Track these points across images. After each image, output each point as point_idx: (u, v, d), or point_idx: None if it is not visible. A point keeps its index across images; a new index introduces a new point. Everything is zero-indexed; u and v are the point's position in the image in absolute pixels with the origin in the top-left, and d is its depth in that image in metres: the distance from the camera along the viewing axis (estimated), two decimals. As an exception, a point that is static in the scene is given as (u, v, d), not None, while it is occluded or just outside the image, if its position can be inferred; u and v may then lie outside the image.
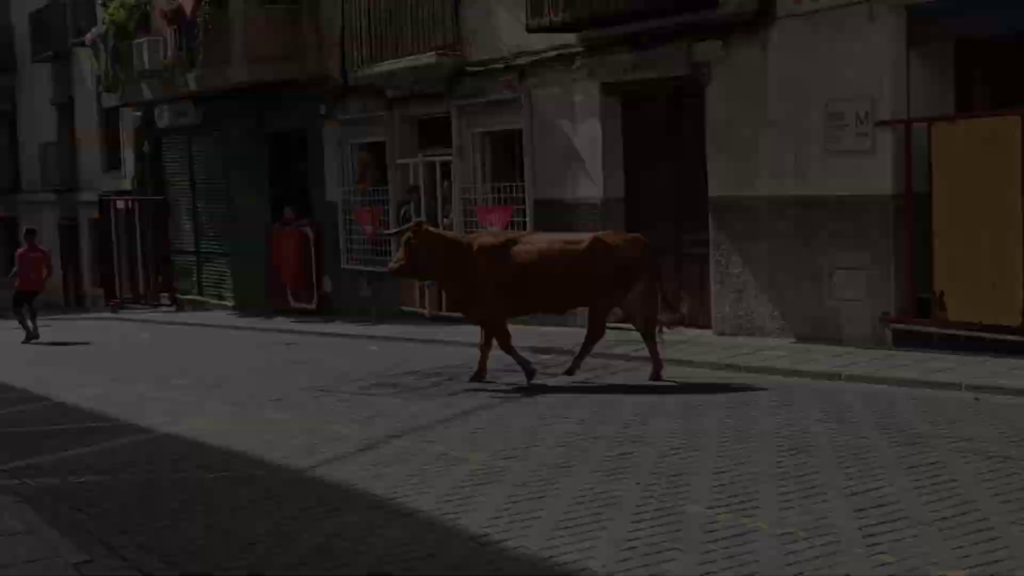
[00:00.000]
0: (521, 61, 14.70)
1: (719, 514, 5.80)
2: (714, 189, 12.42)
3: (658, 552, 5.24)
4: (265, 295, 20.56)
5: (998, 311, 9.72)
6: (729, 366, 10.69)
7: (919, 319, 10.51)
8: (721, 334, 12.44)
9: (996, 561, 4.84)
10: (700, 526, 5.60)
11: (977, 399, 8.48)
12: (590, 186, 13.98)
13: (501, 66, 15.05)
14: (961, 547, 5.06)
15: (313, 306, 19.32)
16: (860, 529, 5.40)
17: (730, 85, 12.09)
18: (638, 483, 6.54)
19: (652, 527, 5.63)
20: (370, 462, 7.48)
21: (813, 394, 9.12)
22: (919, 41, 10.52)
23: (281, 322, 18.64)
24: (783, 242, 11.67)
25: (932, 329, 10.38)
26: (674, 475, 6.69)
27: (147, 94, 21.71)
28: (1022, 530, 5.22)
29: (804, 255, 11.48)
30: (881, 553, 5.03)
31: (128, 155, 25.55)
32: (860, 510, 5.71)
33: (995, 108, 10.23)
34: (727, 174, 12.22)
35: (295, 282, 19.45)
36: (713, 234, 12.46)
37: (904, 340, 10.60)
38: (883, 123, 10.57)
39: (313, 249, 19.20)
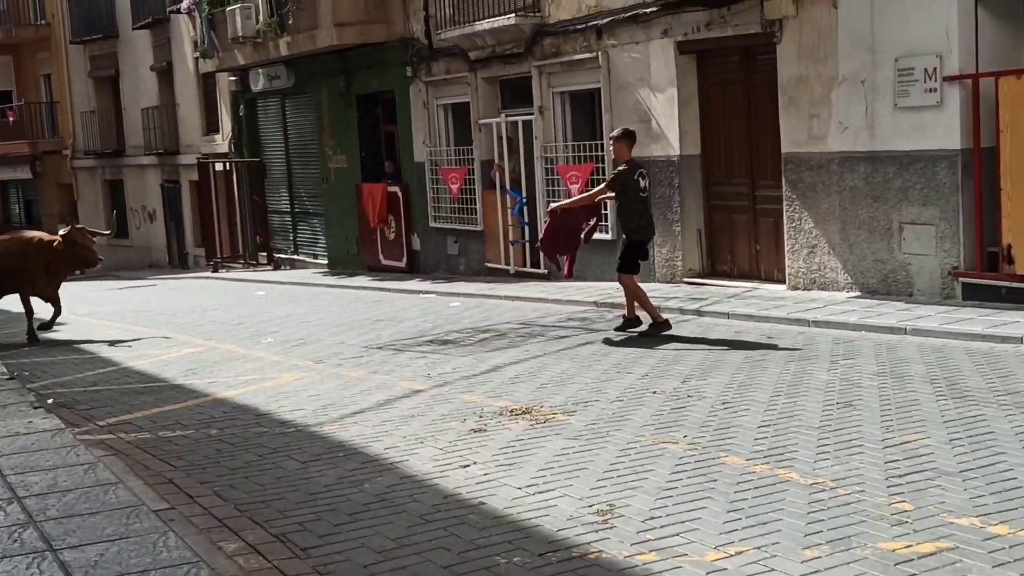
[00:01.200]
0: (599, 21, 14.91)
1: (756, 465, 6.10)
2: (786, 145, 12.54)
3: (692, 500, 5.57)
4: (356, 253, 21.21)
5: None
6: (798, 320, 10.87)
7: (987, 273, 10.57)
8: (794, 288, 12.61)
9: (1010, 509, 5.06)
10: (735, 476, 5.91)
11: (1036, 353, 8.58)
12: (667, 143, 14.18)
13: (580, 26, 15.27)
14: (981, 496, 5.29)
15: (403, 264, 19.90)
16: (887, 479, 5.65)
17: (801, 42, 12.16)
18: (685, 436, 6.86)
19: (690, 478, 5.96)
20: (437, 416, 7.92)
21: (875, 348, 9.30)
22: (988, -6, 10.48)
23: (368, 279, 19.23)
24: (854, 197, 11.77)
25: (1000, 283, 10.43)
26: (721, 428, 7.00)
27: (240, 60, 22.42)
28: (1041, 481, 5.44)
29: (874, 210, 11.57)
30: (901, 501, 5.29)
31: (225, 119, 26.40)
32: (891, 461, 5.96)
33: (1065, 60, 10.18)
34: (799, 130, 12.33)
35: (380, 220, 20.03)
36: (786, 190, 12.60)
37: (973, 294, 10.67)
38: (951, 78, 10.59)
39: (403, 207, 19.75)
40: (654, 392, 8.21)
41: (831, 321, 10.63)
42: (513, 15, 16.12)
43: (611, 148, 11.35)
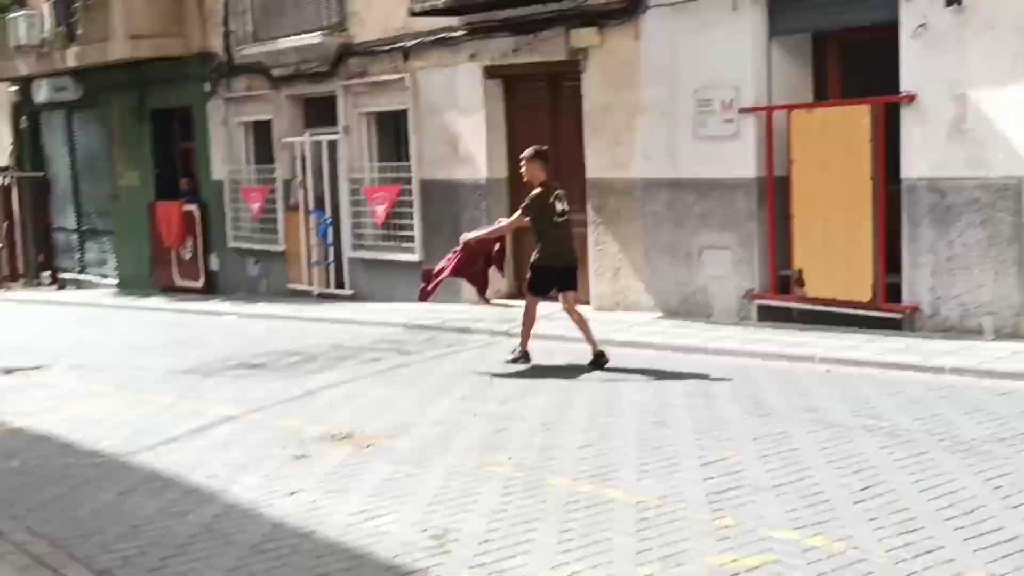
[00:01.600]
0: (406, 43, 14.97)
1: (582, 485, 6.26)
2: (592, 171, 12.91)
3: (524, 522, 5.67)
4: (150, 273, 20.51)
5: (851, 287, 10.39)
6: (606, 341, 11.16)
7: (780, 295, 11.17)
8: (600, 309, 12.96)
9: (823, 522, 5.38)
10: (563, 497, 6.05)
11: (828, 371, 9.12)
12: (474, 167, 14.37)
13: (387, 47, 15.30)
14: (795, 509, 5.59)
15: (200, 285, 19.36)
16: (707, 496, 5.91)
17: (606, 71, 12.56)
18: (511, 458, 6.97)
19: (520, 499, 6.06)
20: (256, 443, 7.76)
21: (680, 368, 9.67)
22: (779, 32, 11.11)
23: (164, 301, 18.63)
24: (656, 222, 12.22)
25: (792, 304, 11.03)
26: (545, 449, 7.15)
27: (23, 69, 21.37)
28: (848, 493, 5.78)
29: (676, 235, 12.06)
30: (723, 517, 5.54)
31: (4, 131, 25.05)
32: (709, 478, 6.23)
33: (847, 97, 10.87)
34: (603, 157, 12.72)
35: (177, 240, 19.44)
36: (591, 214, 12.96)
37: (767, 315, 11.25)
38: (747, 110, 11.16)
39: (200, 226, 19.22)
40: (475, 415, 8.30)
41: (637, 342, 10.99)
42: (318, 33, 15.99)
43: (522, 170, 10.32)
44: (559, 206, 10.07)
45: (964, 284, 9.72)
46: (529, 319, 10.29)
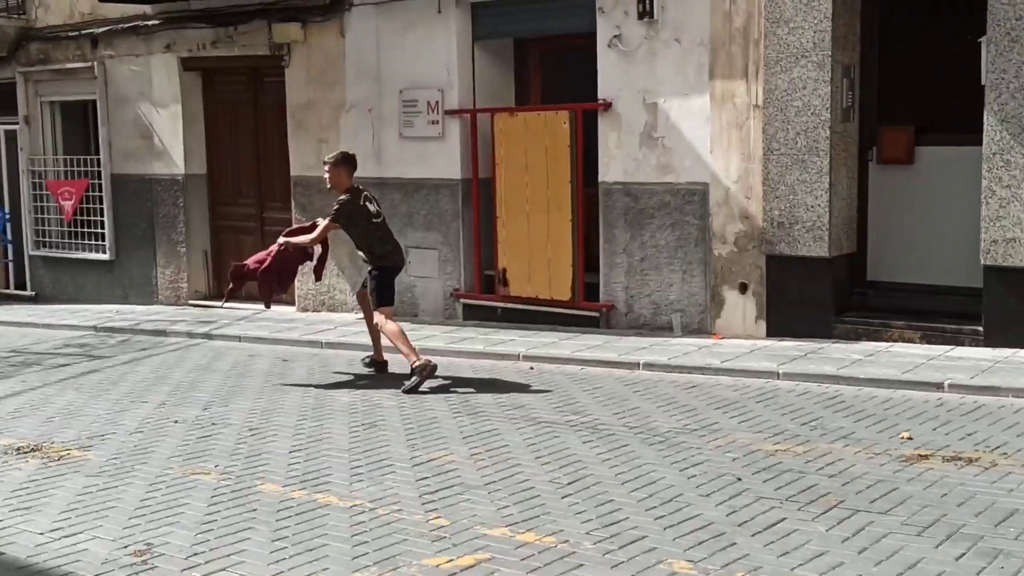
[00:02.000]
0: (94, 30, 14.17)
1: (293, 491, 6.12)
2: (296, 168, 12.70)
3: (234, 532, 5.47)
4: None
5: (552, 286, 10.74)
6: (312, 342, 11.03)
7: (485, 295, 11.38)
8: (304, 310, 12.78)
9: (534, 518, 5.50)
10: (275, 504, 5.89)
11: (532, 368, 9.37)
12: (171, 162, 13.80)
13: (74, 34, 14.43)
14: (506, 506, 5.70)
15: None
16: (420, 497, 5.92)
17: (310, 67, 12.38)
18: (217, 466, 6.72)
19: (229, 509, 5.85)
20: (-71, 459, 7.10)
21: (388, 368, 9.65)
22: (482, 36, 11.32)
23: None
24: (362, 221, 12.14)
25: (496, 304, 11.27)
26: (252, 455, 6.94)
27: None
28: (556, 488, 5.95)
29: (381, 234, 12.02)
30: (437, 517, 5.57)
31: None
32: (422, 479, 6.25)
33: (549, 102, 11.22)
34: (308, 154, 12.52)
35: None
36: (295, 212, 12.73)
37: (472, 314, 11.45)
38: (452, 112, 11.30)
39: None
40: (176, 421, 7.95)
41: (344, 343, 10.89)
42: (-5, 15, 14.87)
43: (326, 175, 9.21)
44: (371, 207, 9.10)
45: (655, 283, 10.26)
46: (398, 333, 8.91)
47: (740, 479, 5.95)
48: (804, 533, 5.11)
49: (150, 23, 13.64)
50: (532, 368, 9.36)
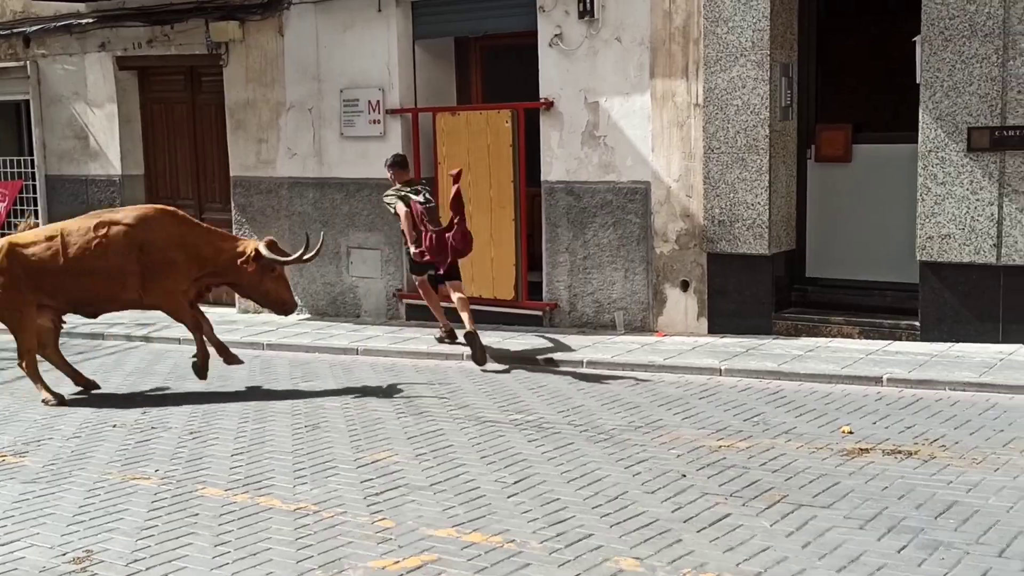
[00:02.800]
0: (27, 28, 13.92)
1: (236, 495, 6.05)
2: (235, 169, 12.57)
3: (175, 538, 5.39)
4: None
5: (496, 286, 10.73)
6: (253, 344, 10.91)
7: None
8: (245, 312, 12.64)
9: (480, 518, 5.48)
10: (217, 509, 5.81)
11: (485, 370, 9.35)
12: (107, 162, 13.60)
13: (5, 32, 14.15)
14: (452, 507, 5.67)
15: None
16: (365, 498, 5.87)
17: (249, 67, 12.26)
18: (157, 470, 6.63)
19: (170, 514, 5.76)
20: None
21: (332, 370, 9.60)
22: (423, 35, 11.28)
23: None
24: (303, 222, 12.05)
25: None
26: (193, 459, 6.85)
27: None
28: (502, 487, 5.94)
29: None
30: (382, 519, 5.53)
31: None
32: (366, 480, 6.20)
33: (491, 101, 11.21)
34: (247, 154, 12.41)
35: None
36: (235, 213, 12.61)
37: (414, 314, 11.39)
38: (393, 111, 11.25)
39: None
40: (114, 425, 7.83)
41: (286, 344, 10.80)
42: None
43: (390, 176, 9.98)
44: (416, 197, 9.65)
45: (598, 282, 10.29)
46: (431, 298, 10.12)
47: (685, 475, 5.98)
48: (749, 528, 5.15)
49: (84, 21, 13.42)
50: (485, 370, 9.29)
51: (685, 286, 9.86)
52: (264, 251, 8.65)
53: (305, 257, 8.96)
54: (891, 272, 9.31)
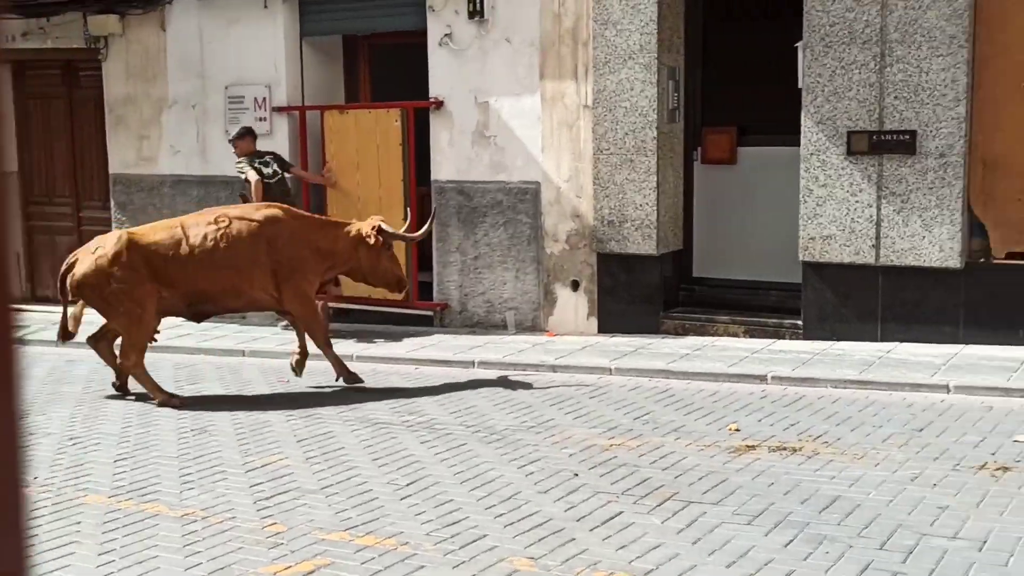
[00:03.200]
0: None
1: (120, 502, 5.89)
2: (115, 166, 12.26)
3: (57, 547, 5.23)
4: None
5: (385, 286, 10.65)
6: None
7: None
8: (126, 313, 12.32)
9: (373, 520, 5.44)
10: (101, 516, 5.65)
11: (415, 372, 9.27)
12: (-22, 158, 13.09)
13: None
14: (344, 510, 5.61)
15: None
16: (255, 503, 5.78)
17: (129, 62, 11.96)
18: (36, 477, 6.41)
19: (51, 523, 5.58)
20: None
21: (217, 372, 9.42)
22: (310, 33, 11.16)
23: None
24: (187, 221, 11.81)
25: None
26: (75, 466, 6.65)
27: None
28: (394, 489, 5.91)
29: (207, 234, 11.72)
30: (273, 524, 5.45)
31: None
32: (256, 484, 6.10)
33: (380, 99, 11.14)
34: (128, 151, 12.11)
35: None
36: (115, 211, 12.29)
37: (303, 315, 11.24)
38: (280, 109, 11.10)
39: None
40: (-10, 432, 7.53)
41: (169, 346, 10.51)
42: None
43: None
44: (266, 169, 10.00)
45: (489, 282, 10.31)
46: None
47: (577, 475, 6.02)
48: (640, 526, 5.21)
49: (-46, 12, 12.92)
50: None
51: (575, 286, 9.94)
52: (386, 227, 8.43)
53: (419, 233, 8.90)
54: (775, 272, 9.53)
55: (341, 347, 9.30)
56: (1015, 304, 8.39)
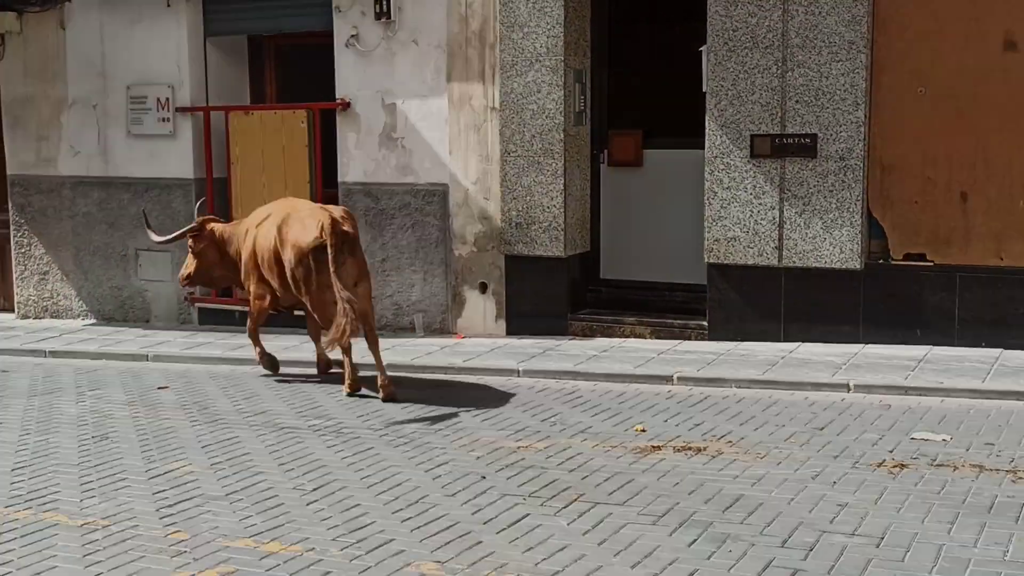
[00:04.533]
0: None
1: (17, 512, 5.74)
2: (13, 167, 11.96)
3: (-51, 561, 5.08)
4: None
5: (292, 289, 10.54)
6: (34, 351, 10.40)
7: (221, 299, 11.05)
8: (25, 317, 12.04)
9: (278, 527, 5.38)
10: (-4, 527, 5.51)
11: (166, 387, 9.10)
12: None
13: None
14: (249, 516, 5.54)
15: None
16: (158, 511, 5.68)
17: (27, 60, 11.68)
18: (-73, 488, 6.22)
19: (-57, 535, 5.43)
20: None
21: (120, 377, 9.23)
22: (215, 33, 11.00)
23: None
24: (88, 223, 11.58)
25: (234, 307, 10.97)
26: (-31, 475, 6.47)
27: None
28: (300, 495, 5.85)
29: (110, 236, 11.51)
30: (177, 531, 5.35)
31: None
32: (159, 491, 5.99)
33: (286, 100, 11.02)
34: (27, 152, 11.82)
35: None
36: (13, 214, 11.98)
37: (207, 319, 11.11)
38: (184, 110, 10.92)
39: None
40: None
41: (71, 351, 10.33)
42: None
43: None
44: None
45: (397, 284, 10.27)
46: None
47: (484, 477, 6.03)
48: (547, 528, 5.24)
49: None
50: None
51: (484, 288, 9.96)
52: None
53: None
54: (681, 273, 9.66)
55: (250, 350, 9.20)
56: (913, 304, 8.62)
